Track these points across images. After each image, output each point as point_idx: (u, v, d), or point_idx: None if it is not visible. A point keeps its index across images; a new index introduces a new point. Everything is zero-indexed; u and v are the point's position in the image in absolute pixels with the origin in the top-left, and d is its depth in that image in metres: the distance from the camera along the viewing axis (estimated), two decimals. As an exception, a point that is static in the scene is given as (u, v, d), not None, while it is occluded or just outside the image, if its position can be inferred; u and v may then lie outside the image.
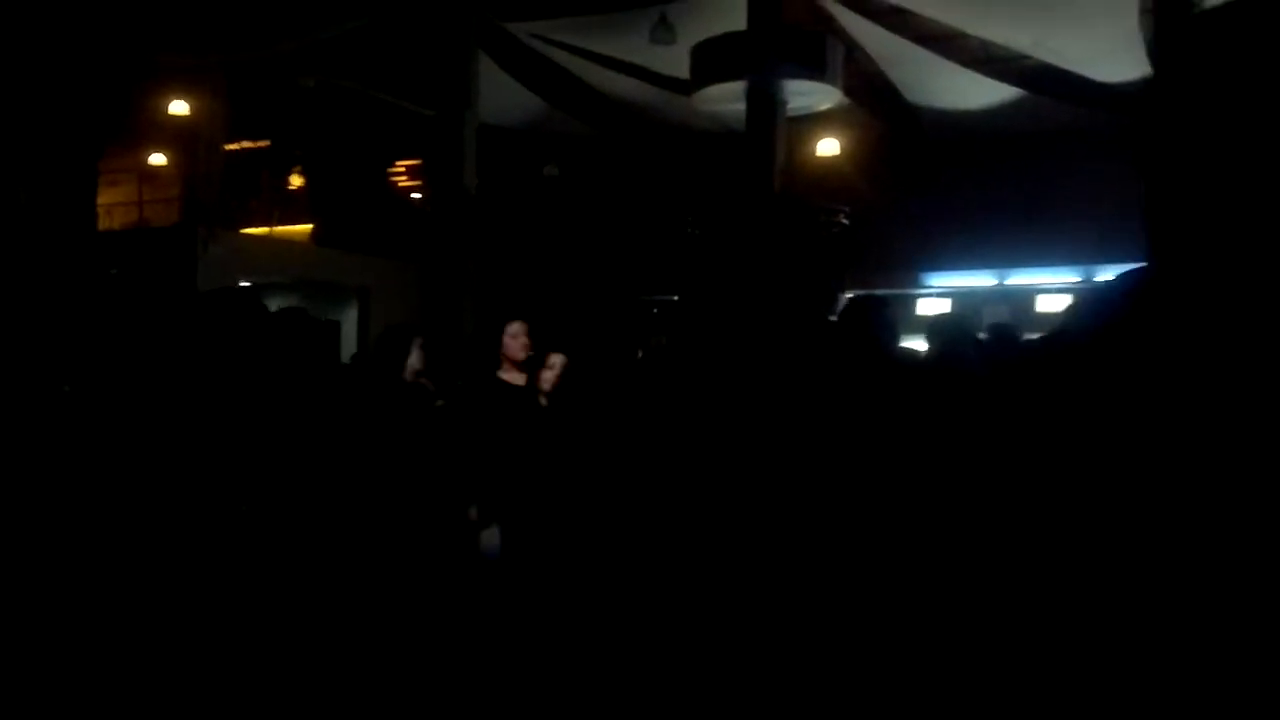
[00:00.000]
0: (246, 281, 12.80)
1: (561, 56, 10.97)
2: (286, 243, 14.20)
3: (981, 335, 4.91)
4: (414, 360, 5.01)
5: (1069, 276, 11.37)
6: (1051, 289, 11.47)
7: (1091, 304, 1.28)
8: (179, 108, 12.30)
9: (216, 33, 10.39)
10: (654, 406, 2.91)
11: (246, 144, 14.60)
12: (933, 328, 4.76)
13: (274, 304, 14.66)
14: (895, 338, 3.99)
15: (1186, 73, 1.13)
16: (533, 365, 5.23)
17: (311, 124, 13.66)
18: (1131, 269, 1.15)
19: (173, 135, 12.93)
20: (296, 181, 15.15)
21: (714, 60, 9.27)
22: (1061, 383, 1.24)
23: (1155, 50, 6.74)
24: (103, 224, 13.07)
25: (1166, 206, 1.11)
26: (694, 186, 11.52)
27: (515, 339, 5.21)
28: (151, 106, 12.28)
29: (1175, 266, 1.11)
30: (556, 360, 5.16)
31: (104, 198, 13.21)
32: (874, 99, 10.83)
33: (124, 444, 3.60)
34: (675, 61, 9.69)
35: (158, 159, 13.83)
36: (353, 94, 12.19)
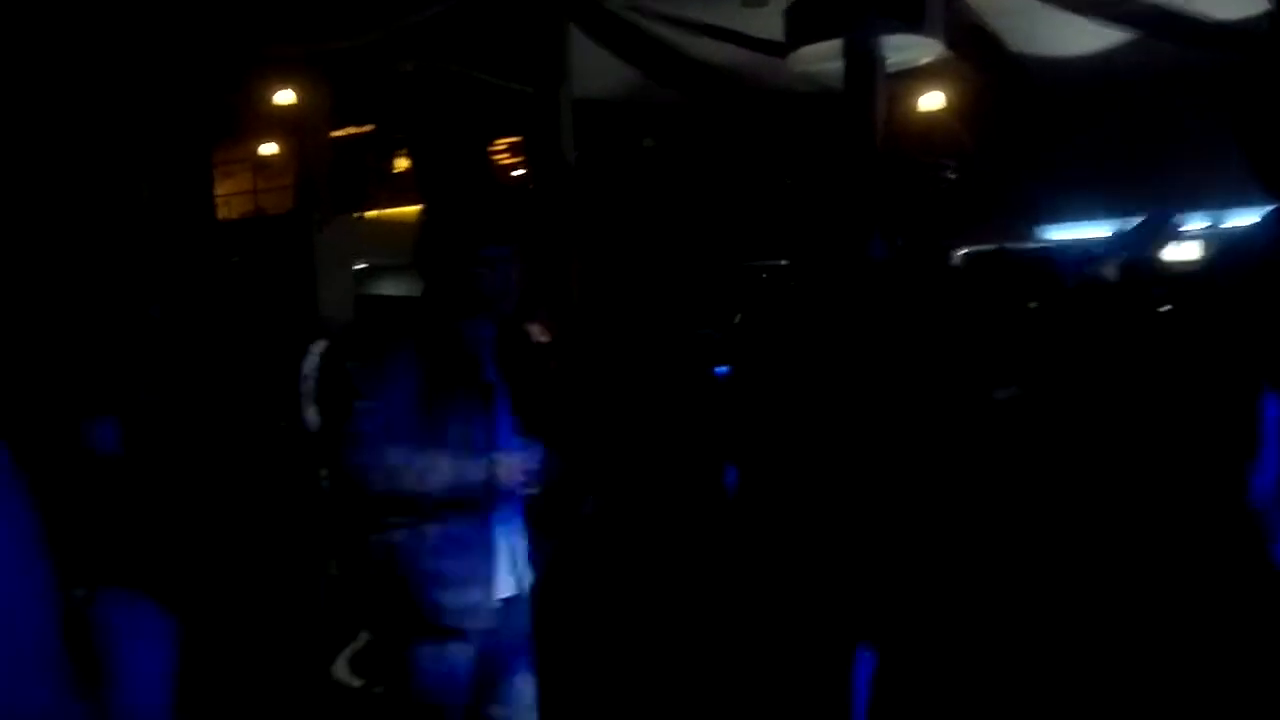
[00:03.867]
0: (360, 264, 13.14)
1: (654, 26, 10.93)
2: (396, 224, 14.52)
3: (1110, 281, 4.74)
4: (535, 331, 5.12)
5: (1194, 223, 10.92)
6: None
7: (1232, 249, 1.23)
8: (286, 98, 12.64)
9: (315, 23, 10.64)
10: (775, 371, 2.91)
11: (352, 130, 14.94)
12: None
13: (387, 285, 15.04)
14: (1020, 290, 3.93)
15: None
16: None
17: (413, 106, 13.90)
18: (1274, 210, 1.10)
19: (282, 125, 13.30)
20: (402, 164, 15.46)
21: (809, 20, 9.12)
22: (1209, 331, 1.20)
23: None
24: (221, 214, 13.55)
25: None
26: (792, 150, 11.38)
27: None
28: (260, 98, 12.65)
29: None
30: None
31: (221, 189, 13.70)
32: (977, 50, 10.53)
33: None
34: (768, 24, 9.57)
35: (269, 149, 14.25)
36: (450, 75, 12.35)
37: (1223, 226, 10.30)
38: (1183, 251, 10.71)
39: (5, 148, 7.53)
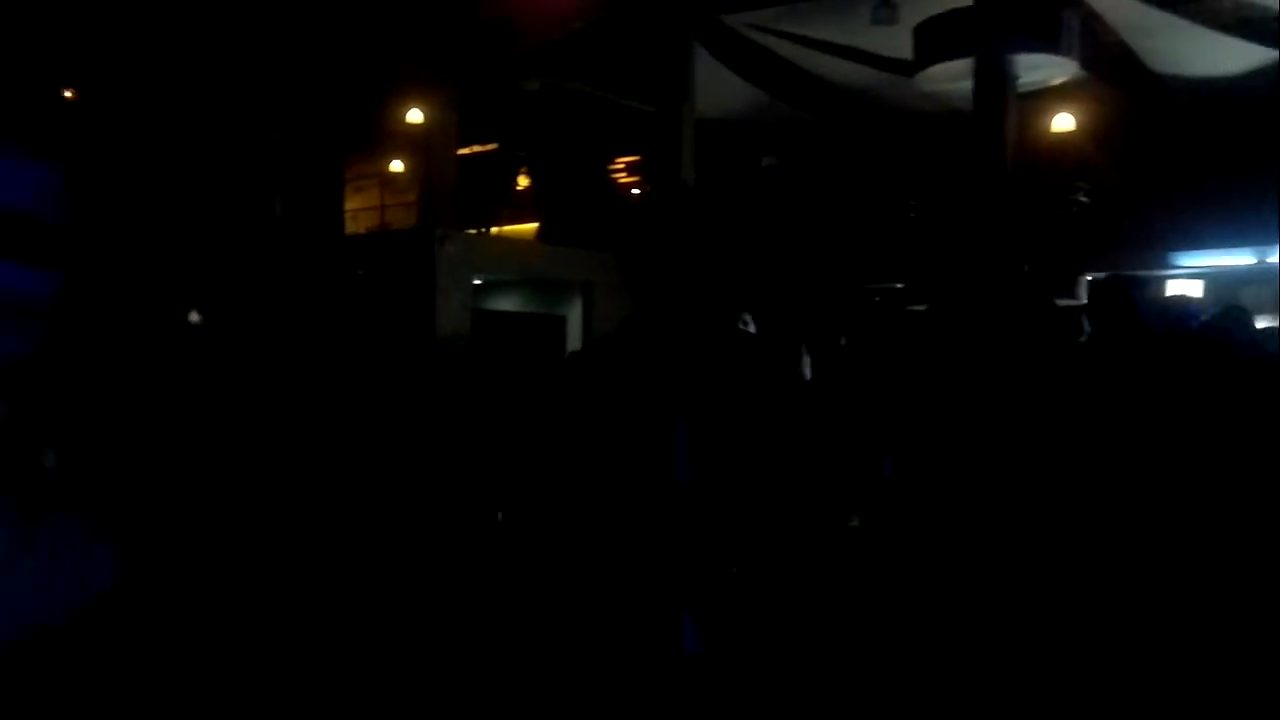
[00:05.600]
0: (479, 279, 13.38)
1: (779, 45, 10.88)
2: (515, 241, 14.75)
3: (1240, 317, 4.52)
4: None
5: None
6: (1319, 267, 10.44)
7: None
8: (414, 116, 12.97)
9: (447, 42, 10.90)
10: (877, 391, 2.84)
11: (476, 148, 15.26)
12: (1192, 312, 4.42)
13: (504, 301, 15.24)
14: (1154, 318, 3.74)
15: None
16: None
17: (535, 125, 14.11)
18: None
19: (409, 142, 13.65)
20: (523, 182, 15.71)
21: (939, 38, 8.95)
22: None
23: None
24: (349, 228, 13.96)
25: None
26: (915, 171, 11.16)
27: None
28: (390, 116, 13.01)
29: None
30: None
31: (350, 204, 14.12)
32: (1114, 70, 10.18)
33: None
34: (897, 42, 9.43)
35: (396, 165, 14.64)
36: (574, 94, 12.51)
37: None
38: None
39: (144, 158, 7.91)
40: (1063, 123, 11.08)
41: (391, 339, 11.41)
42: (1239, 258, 11.21)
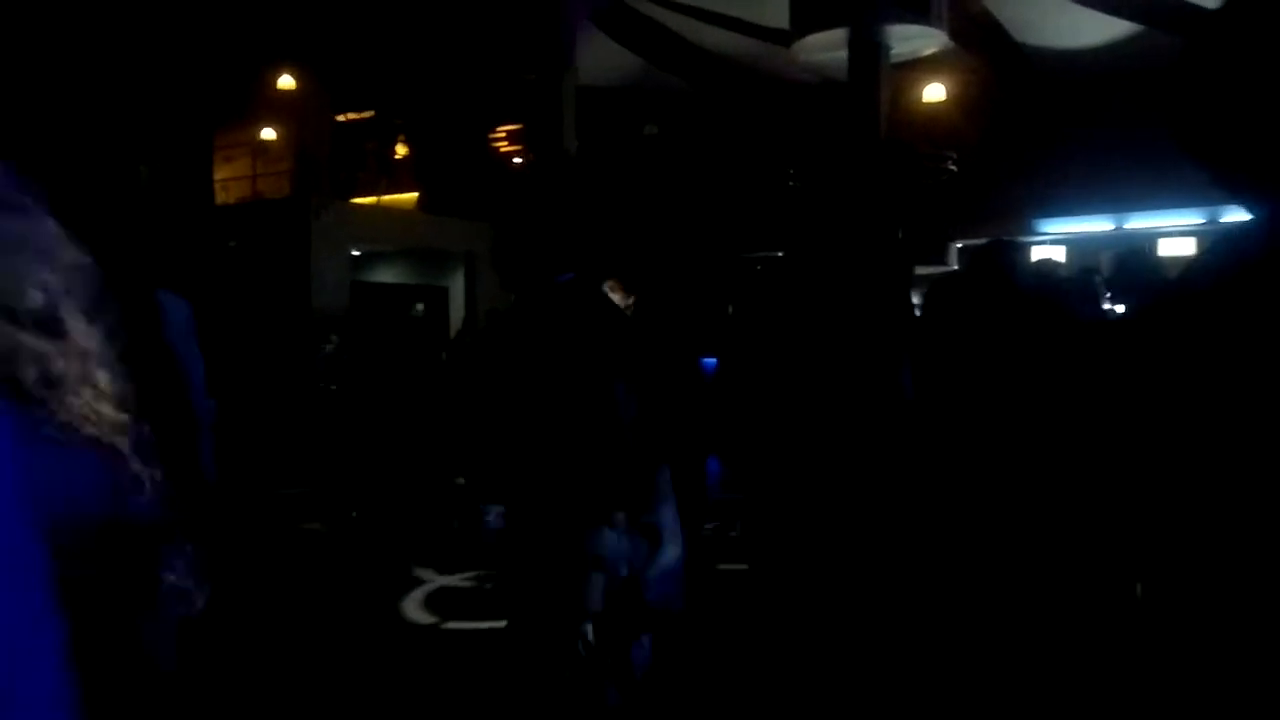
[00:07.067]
0: (357, 250, 13.11)
1: (659, 13, 10.89)
2: (394, 211, 14.48)
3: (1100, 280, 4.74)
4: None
5: (1192, 219, 10.87)
6: (1174, 232, 10.99)
7: (1221, 247, 1.20)
8: (286, 83, 12.59)
9: (319, 10, 10.59)
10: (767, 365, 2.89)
11: (352, 115, 14.89)
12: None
13: (384, 273, 14.94)
14: (1030, 282, 3.91)
15: None
16: None
17: (414, 93, 13.84)
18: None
19: (282, 110, 13.24)
20: (401, 151, 15.41)
21: (814, 8, 9.09)
22: (1186, 333, 1.16)
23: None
24: (220, 198, 13.50)
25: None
26: (794, 140, 11.33)
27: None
28: (261, 83, 12.59)
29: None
30: None
31: (220, 173, 13.64)
32: (981, 41, 10.49)
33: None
34: (775, 12, 9.53)
35: (269, 134, 14.21)
36: (453, 61, 12.30)
37: (1221, 222, 10.27)
38: (1178, 249, 10.71)
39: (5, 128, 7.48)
40: (934, 93, 11.38)
41: (267, 312, 11.11)
42: (1098, 224, 11.73)
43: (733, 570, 5.45)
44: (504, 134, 15.25)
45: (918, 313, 3.01)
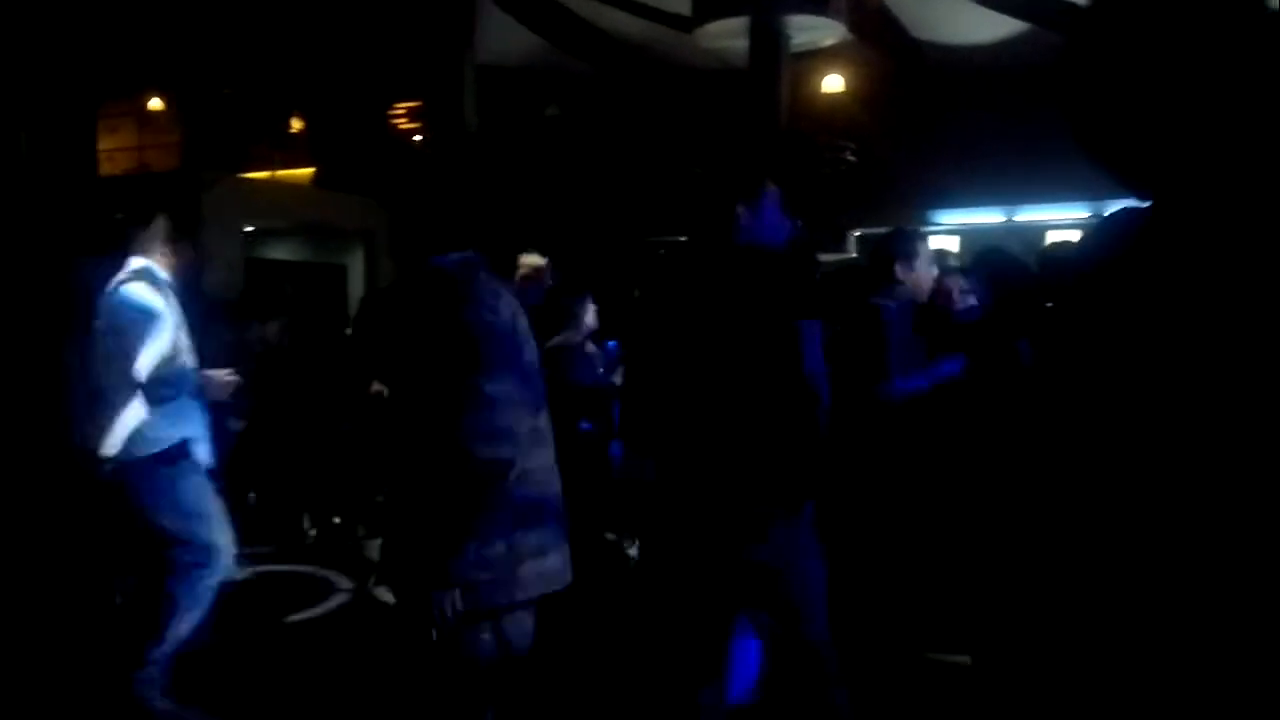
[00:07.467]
0: (249, 226, 12.76)
1: (562, -7, 10.81)
2: (289, 186, 14.12)
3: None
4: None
5: (1078, 212, 11.29)
6: (1061, 224, 11.40)
7: (1089, 240, 1.27)
8: (176, 52, 12.18)
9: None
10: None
11: (245, 87, 14.47)
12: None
13: (277, 249, 14.59)
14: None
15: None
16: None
17: (310, 66, 13.51)
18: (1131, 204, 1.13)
19: (171, 80, 12.81)
20: (296, 125, 15.03)
21: (717, -5, 9.13)
22: (1059, 320, 1.22)
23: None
24: (104, 169, 12.99)
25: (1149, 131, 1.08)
26: (697, 126, 11.40)
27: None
28: (147, 49, 12.15)
29: (1173, 197, 1.09)
30: None
31: (104, 143, 13.12)
32: (879, 34, 10.67)
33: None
34: (677, -3, 9.54)
35: (156, 103, 13.72)
36: (350, 35, 12.03)
37: (1104, 215, 10.66)
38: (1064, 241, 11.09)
39: None
40: (832, 84, 11.56)
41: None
42: (989, 215, 12.08)
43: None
44: (403, 110, 15.00)
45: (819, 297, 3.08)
